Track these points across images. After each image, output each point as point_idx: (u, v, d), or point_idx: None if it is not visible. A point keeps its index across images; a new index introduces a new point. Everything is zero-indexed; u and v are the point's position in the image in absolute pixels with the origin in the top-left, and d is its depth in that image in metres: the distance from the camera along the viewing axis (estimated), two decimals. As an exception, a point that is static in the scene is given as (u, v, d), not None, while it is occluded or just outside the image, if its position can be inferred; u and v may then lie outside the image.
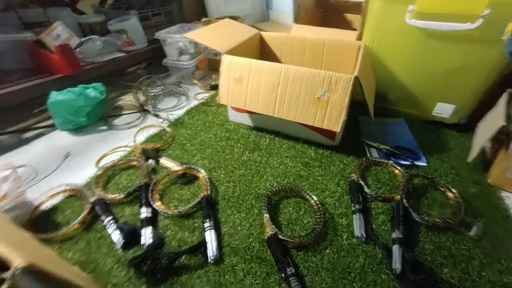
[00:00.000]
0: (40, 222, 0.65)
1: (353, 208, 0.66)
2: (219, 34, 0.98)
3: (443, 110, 0.93)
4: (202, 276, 0.55)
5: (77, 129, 1.00)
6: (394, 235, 0.59)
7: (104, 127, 1.03)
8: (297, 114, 0.79)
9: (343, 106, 0.72)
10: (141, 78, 1.18)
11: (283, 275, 0.53)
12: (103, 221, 0.64)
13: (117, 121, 1.07)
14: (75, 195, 0.72)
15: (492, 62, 0.77)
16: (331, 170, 0.79)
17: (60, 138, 0.97)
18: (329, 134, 0.85)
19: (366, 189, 0.71)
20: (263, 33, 1.09)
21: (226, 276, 0.55)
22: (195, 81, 1.30)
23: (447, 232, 0.62)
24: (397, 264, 0.54)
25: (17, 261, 0.20)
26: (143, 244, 0.60)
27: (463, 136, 0.91)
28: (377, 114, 0.88)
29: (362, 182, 0.72)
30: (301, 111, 0.78)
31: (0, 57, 1.03)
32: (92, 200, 0.68)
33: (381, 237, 0.61)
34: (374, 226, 0.64)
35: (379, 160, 0.81)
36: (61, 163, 0.84)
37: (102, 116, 1.07)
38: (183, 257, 0.57)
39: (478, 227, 0.62)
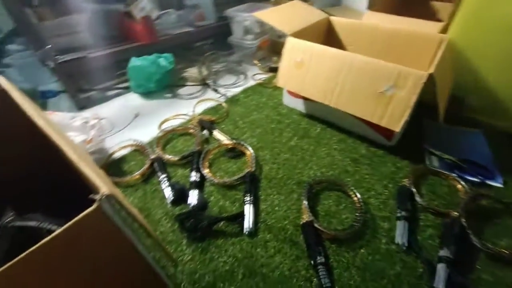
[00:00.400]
0: (111, 168, 0.77)
1: (398, 214, 0.62)
2: (286, 16, 0.96)
3: (538, 126, 0.78)
4: (236, 244, 0.59)
5: (147, 94, 1.12)
6: (442, 253, 0.54)
7: (169, 95, 1.13)
8: (355, 106, 0.75)
9: (409, 105, 0.66)
10: (207, 53, 1.25)
11: (312, 262, 0.54)
12: (158, 177, 0.73)
13: (181, 91, 1.16)
14: (139, 150, 0.83)
15: None
16: (381, 170, 0.75)
17: (133, 99, 1.10)
18: (386, 133, 0.79)
19: (417, 198, 0.65)
20: (332, 18, 1.04)
21: (258, 249, 0.58)
22: (256, 62, 1.32)
23: (514, 267, 0.54)
24: (439, 284, 0.50)
25: (104, 188, 0.25)
26: (189, 204, 0.66)
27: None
28: (449, 121, 0.78)
29: (414, 190, 0.67)
30: (360, 104, 0.74)
31: (97, 25, 1.19)
32: (152, 157, 0.77)
33: (426, 251, 0.57)
34: (419, 237, 0.59)
35: (440, 170, 0.73)
36: (131, 121, 0.97)
37: (168, 85, 1.17)
38: (222, 223, 0.62)
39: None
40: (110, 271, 0.32)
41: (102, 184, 0.25)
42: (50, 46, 0.90)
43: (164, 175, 0.72)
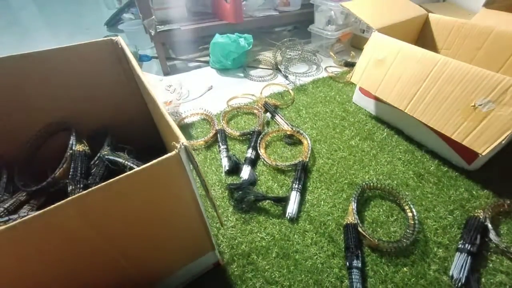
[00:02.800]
0: (182, 131, 0.87)
1: (460, 246, 0.55)
2: (377, 8, 0.89)
3: None
4: (276, 225, 0.62)
5: (223, 70, 1.20)
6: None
7: (241, 74, 1.19)
8: (435, 118, 0.67)
9: (509, 127, 0.56)
10: (284, 40, 1.26)
11: (347, 263, 0.53)
12: (219, 147, 0.79)
13: (253, 72, 1.21)
14: (207, 119, 0.91)
15: None
16: (448, 193, 0.67)
17: (209, 73, 1.20)
18: (468, 154, 0.69)
19: (492, 235, 0.56)
20: (431, 15, 0.92)
21: (295, 236, 0.59)
22: (332, 54, 1.28)
23: None
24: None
25: (183, 140, 0.29)
26: (241, 177, 0.71)
27: None
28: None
29: (489, 225, 0.58)
30: (441, 115, 0.66)
31: (192, 1, 1.31)
32: (217, 128, 0.84)
33: (485, 294, 0.50)
34: (483, 280, 0.52)
35: (531, 211, 0.61)
36: (205, 92, 1.06)
37: (243, 64, 1.23)
38: (267, 202, 0.65)
39: None
40: (172, 214, 0.38)
41: (182, 136, 0.30)
42: (154, 17, 1.03)
43: (224, 146, 0.78)
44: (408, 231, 0.58)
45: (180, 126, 0.88)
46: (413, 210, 0.61)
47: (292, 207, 0.63)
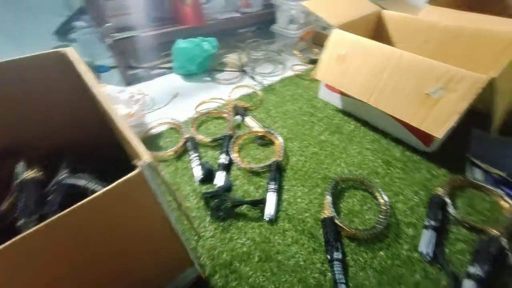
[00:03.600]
0: (148, 142, 0.83)
1: (426, 223, 0.59)
2: (335, 6, 0.93)
3: None
4: (256, 228, 0.61)
5: (188, 75, 1.17)
6: (472, 270, 0.51)
7: (208, 78, 1.17)
8: (396, 107, 0.71)
9: (457, 110, 0.61)
10: (248, 41, 1.26)
11: (328, 257, 0.55)
12: (190, 156, 0.77)
13: (219, 75, 1.19)
14: (175, 128, 0.88)
15: None
16: (413, 176, 0.71)
17: (174, 80, 1.17)
18: (425, 138, 0.74)
19: (451, 209, 0.61)
20: (384, 12, 0.98)
21: (276, 237, 0.59)
22: (296, 52, 1.30)
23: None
24: (463, 300, 0.48)
25: (146, 156, 0.28)
26: (215, 184, 0.70)
27: None
28: (503, 133, 0.71)
29: (448, 200, 0.63)
30: (401, 105, 0.70)
31: (150, 7, 1.26)
32: (186, 136, 0.81)
33: (452, 266, 0.54)
34: (447, 250, 0.56)
35: (483, 184, 0.67)
36: (170, 100, 1.03)
37: (208, 68, 1.21)
38: (244, 206, 0.64)
39: None
40: (141, 235, 0.36)
41: (145, 152, 0.28)
42: (109, 24, 0.98)
43: (195, 154, 0.76)
44: (381, 216, 0.61)
45: (146, 138, 0.84)
46: (384, 196, 0.64)
47: (270, 209, 0.63)
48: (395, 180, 0.71)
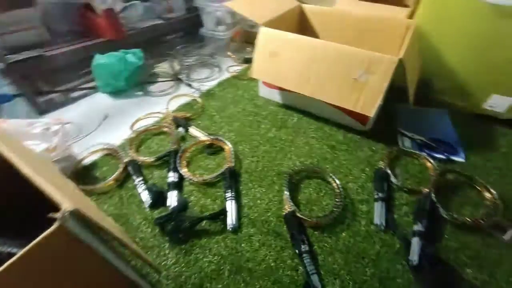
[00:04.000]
0: (82, 175, 0.73)
1: (375, 196, 0.65)
2: (258, 5, 0.94)
3: (498, 103, 0.83)
4: (220, 242, 0.58)
5: (116, 93, 1.06)
6: (415, 227, 0.58)
7: (140, 93, 1.08)
8: (330, 94, 0.76)
9: (381, 90, 0.67)
10: (178, 47, 1.20)
11: (297, 251, 0.55)
12: (134, 181, 0.70)
13: (152, 88, 1.11)
14: (111, 154, 0.78)
15: None
16: (357, 155, 0.77)
17: (101, 100, 1.04)
18: (361, 118, 0.81)
19: (392, 179, 0.68)
20: (304, 6, 1.03)
21: (243, 244, 0.58)
22: (229, 53, 1.29)
23: (477, 233, 0.58)
24: (414, 256, 0.53)
25: (66, 205, 0.23)
26: (169, 206, 0.64)
27: (516, 134, 0.82)
28: (418, 103, 0.82)
29: (389, 171, 0.69)
30: (335, 92, 0.75)
31: (53, 19, 1.09)
32: (125, 160, 0.73)
33: (402, 228, 0.59)
34: (396, 216, 0.62)
35: (412, 151, 0.76)
36: (100, 123, 0.91)
37: (139, 82, 1.11)
38: (204, 222, 0.61)
39: (514, 233, 0.57)
40: (81, 286, 0.30)
41: (64, 200, 0.23)
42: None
43: (139, 179, 0.69)
44: (337, 200, 0.64)
45: (79, 172, 0.73)
46: (336, 180, 0.67)
47: (231, 218, 0.61)
48: (343, 162, 0.75)
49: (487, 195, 0.65)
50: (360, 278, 0.52)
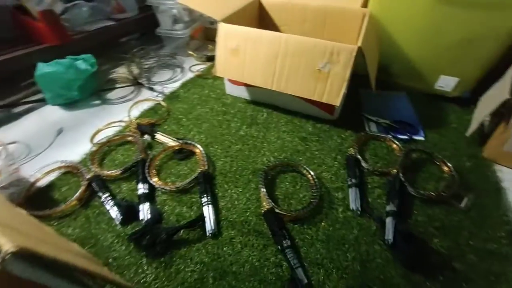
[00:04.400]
0: (37, 199, 0.65)
1: (349, 182, 0.67)
2: (214, 0, 0.91)
3: (446, 83, 0.90)
4: (201, 249, 0.56)
5: (69, 104, 0.97)
6: (388, 208, 0.60)
7: (98, 102, 1.00)
8: (297, 87, 0.76)
9: (345, 78, 0.69)
10: (134, 50, 1.13)
11: (279, 247, 0.55)
12: (100, 198, 0.64)
13: (111, 95, 1.03)
14: (71, 171, 0.72)
15: (509, 30, 0.73)
16: (328, 144, 0.79)
17: (52, 113, 0.94)
18: (328, 108, 0.83)
19: (363, 164, 0.71)
20: (262, 0, 1.02)
21: (224, 248, 0.56)
22: (190, 52, 1.24)
23: (441, 205, 0.63)
24: (389, 235, 0.55)
25: (7, 246, 0.19)
26: (142, 220, 0.61)
27: (464, 110, 0.90)
28: (379, 87, 0.85)
29: (359, 157, 0.72)
30: (300, 84, 0.75)
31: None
32: (88, 176, 0.67)
33: (376, 210, 0.62)
34: (369, 199, 0.65)
35: (378, 134, 0.80)
36: (54, 139, 0.83)
37: (95, 90, 1.03)
38: (182, 231, 0.58)
39: (468, 199, 0.63)
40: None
41: (4, 239, 0.20)
42: None
43: (106, 194, 0.64)
44: (313, 191, 0.65)
45: (32, 196, 0.66)
46: (310, 171, 0.68)
47: (210, 223, 0.59)
48: (315, 152, 0.76)
49: (445, 168, 0.70)
50: (343, 264, 0.53)
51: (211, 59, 1.21)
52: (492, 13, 0.73)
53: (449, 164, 0.69)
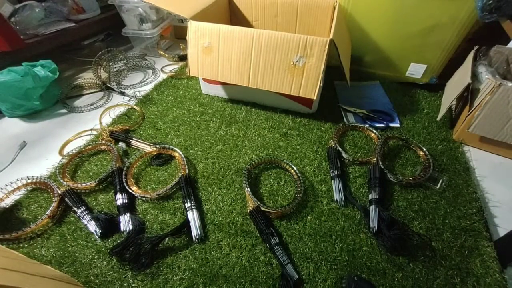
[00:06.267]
0: (2, 221, 0.60)
1: (331, 174, 0.68)
2: (181, -3, 0.87)
3: (416, 70, 0.94)
4: (188, 255, 0.55)
5: (31, 115, 0.90)
6: (370, 196, 0.62)
7: (64, 110, 0.93)
8: (273, 83, 0.75)
9: (319, 71, 0.70)
10: (100, 52, 1.06)
11: (267, 245, 0.55)
12: (76, 213, 0.60)
13: (78, 102, 0.97)
14: (39, 188, 0.66)
15: (464, 18, 0.77)
16: (309, 138, 0.79)
17: (11, 126, 0.87)
18: (306, 102, 0.83)
19: (343, 155, 0.72)
20: (230, -6, 1.00)
21: (213, 252, 0.55)
22: (161, 52, 1.20)
23: (418, 189, 0.66)
24: (373, 223, 0.57)
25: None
26: (123, 231, 0.58)
27: (433, 95, 0.94)
28: (353, 78, 0.87)
29: (339, 148, 0.73)
30: (276, 79, 0.75)
31: None
32: (60, 191, 0.63)
33: (359, 200, 0.64)
34: (352, 189, 0.66)
35: (356, 124, 0.82)
36: (17, 154, 0.76)
37: (59, 98, 0.96)
38: (167, 239, 0.56)
39: (443, 181, 0.66)
40: None
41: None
42: None
43: (82, 209, 0.60)
44: (297, 185, 0.65)
45: (-2, 217, 0.60)
46: (293, 166, 0.68)
47: (195, 228, 0.57)
48: (296, 147, 0.77)
49: (421, 153, 0.73)
50: (331, 256, 0.54)
51: (183, 58, 1.17)
52: (449, 2, 0.76)
53: (424, 149, 0.72)
